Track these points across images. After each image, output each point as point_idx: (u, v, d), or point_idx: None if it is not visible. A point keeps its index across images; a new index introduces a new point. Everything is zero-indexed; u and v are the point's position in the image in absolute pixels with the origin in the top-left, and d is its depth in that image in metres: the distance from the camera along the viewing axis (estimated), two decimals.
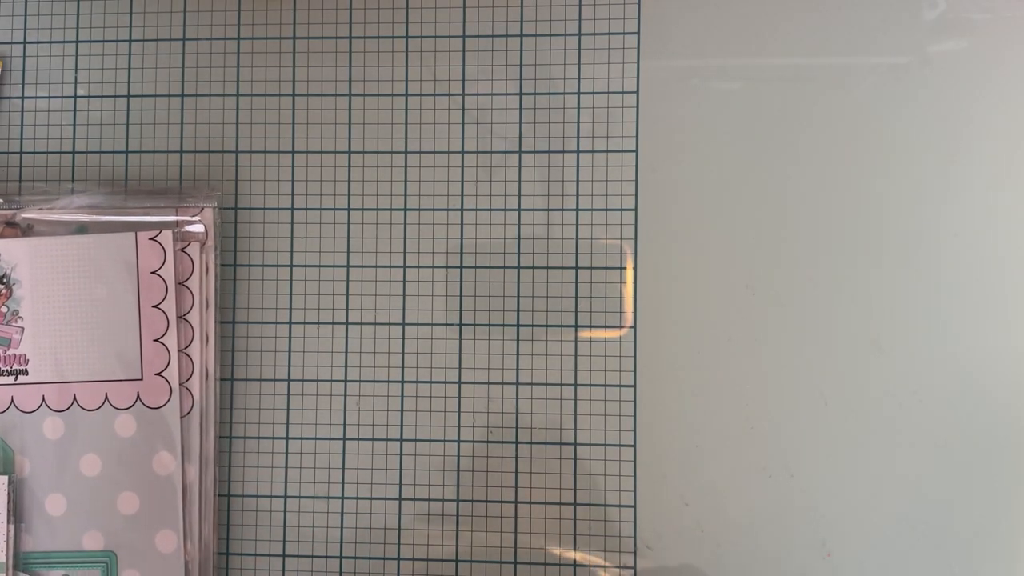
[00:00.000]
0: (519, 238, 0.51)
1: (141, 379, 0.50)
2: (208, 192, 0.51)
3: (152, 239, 0.50)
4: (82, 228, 0.50)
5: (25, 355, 0.50)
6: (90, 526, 0.50)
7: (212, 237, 0.50)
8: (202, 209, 0.50)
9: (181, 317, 0.50)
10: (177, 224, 0.50)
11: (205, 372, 0.50)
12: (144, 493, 0.50)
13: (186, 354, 0.50)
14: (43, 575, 0.50)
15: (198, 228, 0.50)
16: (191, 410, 0.50)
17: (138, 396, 0.50)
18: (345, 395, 0.52)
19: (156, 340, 0.50)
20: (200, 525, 0.50)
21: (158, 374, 0.50)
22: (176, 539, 0.50)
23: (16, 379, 0.50)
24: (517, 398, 0.51)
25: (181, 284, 0.50)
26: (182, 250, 0.50)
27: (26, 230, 0.50)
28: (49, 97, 0.53)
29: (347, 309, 0.52)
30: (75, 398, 0.50)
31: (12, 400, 0.50)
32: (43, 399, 0.50)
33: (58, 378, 0.50)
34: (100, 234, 0.50)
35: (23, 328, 0.50)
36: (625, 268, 0.51)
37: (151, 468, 0.50)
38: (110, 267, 0.50)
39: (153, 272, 0.50)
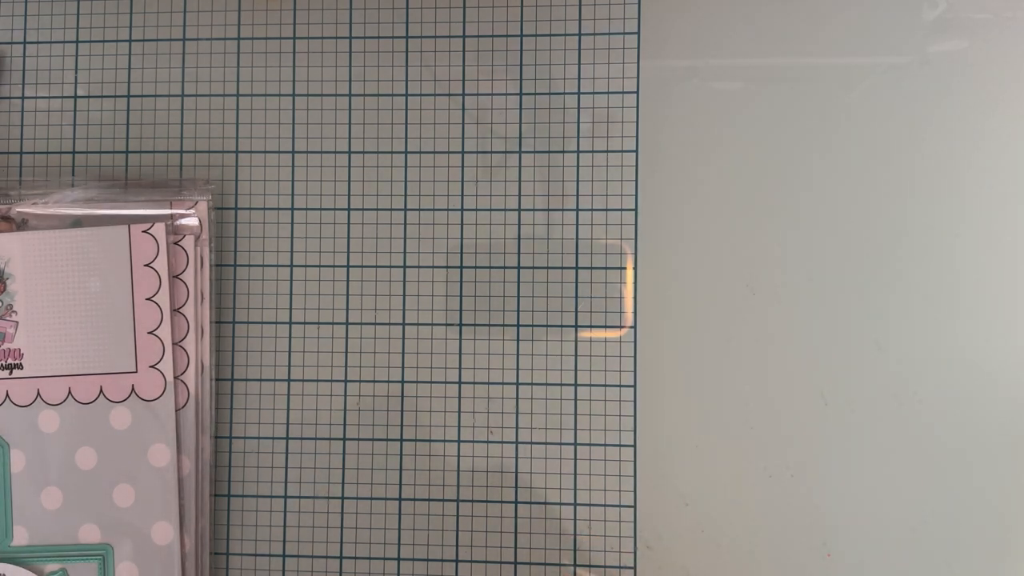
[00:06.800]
0: (519, 238, 0.51)
1: (136, 372, 0.50)
2: (203, 186, 0.51)
3: (145, 232, 0.50)
4: (77, 222, 0.51)
5: (20, 349, 0.50)
6: (86, 519, 0.50)
7: (207, 230, 0.51)
8: (197, 203, 0.51)
9: (176, 310, 0.50)
10: (171, 217, 0.50)
11: (200, 366, 0.50)
12: (140, 485, 0.50)
13: (181, 347, 0.50)
14: (40, 569, 0.50)
15: (192, 221, 0.50)
16: (186, 403, 0.50)
17: (133, 389, 0.50)
18: (345, 395, 0.52)
19: (150, 333, 0.50)
20: (197, 518, 0.50)
21: (152, 367, 0.50)
22: (172, 531, 0.50)
23: (11, 373, 0.50)
24: (517, 398, 0.51)
25: (176, 277, 0.50)
26: (176, 243, 0.50)
27: (20, 225, 0.51)
28: (49, 97, 0.53)
29: (347, 309, 0.52)
30: (70, 391, 0.50)
31: (7, 394, 0.50)
32: (38, 393, 0.50)
33: (53, 372, 0.50)
34: (93, 227, 0.50)
35: (17, 322, 0.50)
36: (625, 268, 0.51)
37: (147, 460, 0.50)
38: (103, 260, 0.50)
39: (146, 265, 0.50)
